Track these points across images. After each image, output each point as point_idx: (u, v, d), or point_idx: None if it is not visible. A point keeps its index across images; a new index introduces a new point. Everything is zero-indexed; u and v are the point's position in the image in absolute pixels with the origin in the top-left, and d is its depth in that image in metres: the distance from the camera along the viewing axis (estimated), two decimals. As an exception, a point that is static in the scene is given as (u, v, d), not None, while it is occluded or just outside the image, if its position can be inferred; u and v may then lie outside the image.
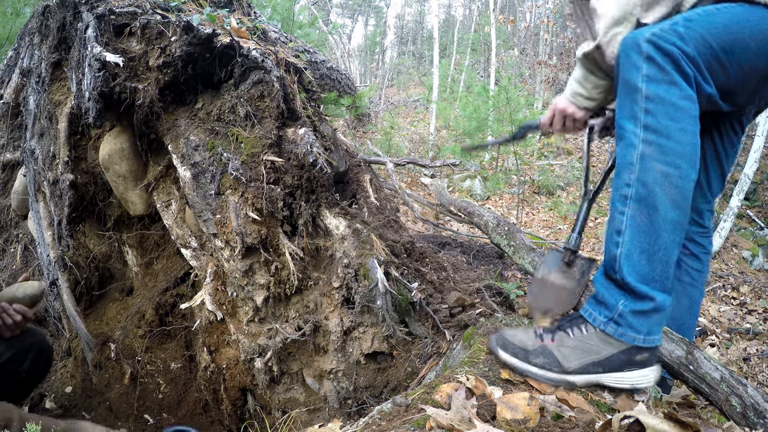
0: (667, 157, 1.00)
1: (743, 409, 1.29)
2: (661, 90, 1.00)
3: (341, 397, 1.58)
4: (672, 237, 1.02)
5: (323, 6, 15.47)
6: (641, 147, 1.02)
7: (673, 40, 0.99)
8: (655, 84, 1.00)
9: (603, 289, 1.09)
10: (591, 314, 1.10)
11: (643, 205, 1.01)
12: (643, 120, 1.02)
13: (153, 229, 2.04)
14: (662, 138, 1.00)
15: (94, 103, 1.59)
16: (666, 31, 1.00)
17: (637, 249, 1.02)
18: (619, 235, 1.04)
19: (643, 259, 1.02)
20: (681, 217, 1.02)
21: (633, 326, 1.03)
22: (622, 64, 1.06)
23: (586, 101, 1.31)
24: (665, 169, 1.00)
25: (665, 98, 1.00)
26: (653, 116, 1.00)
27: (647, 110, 1.01)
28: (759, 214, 8.92)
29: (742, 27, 1.02)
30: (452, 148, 7.14)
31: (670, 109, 1.00)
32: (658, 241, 1.01)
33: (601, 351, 1.06)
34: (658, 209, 1.00)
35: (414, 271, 1.70)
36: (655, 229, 1.01)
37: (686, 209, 1.03)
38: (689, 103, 1.00)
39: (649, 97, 1.01)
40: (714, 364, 1.40)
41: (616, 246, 1.04)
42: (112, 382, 1.87)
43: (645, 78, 1.01)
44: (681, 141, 1.00)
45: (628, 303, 1.04)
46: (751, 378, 3.25)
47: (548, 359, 1.09)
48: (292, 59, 1.78)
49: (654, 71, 1.00)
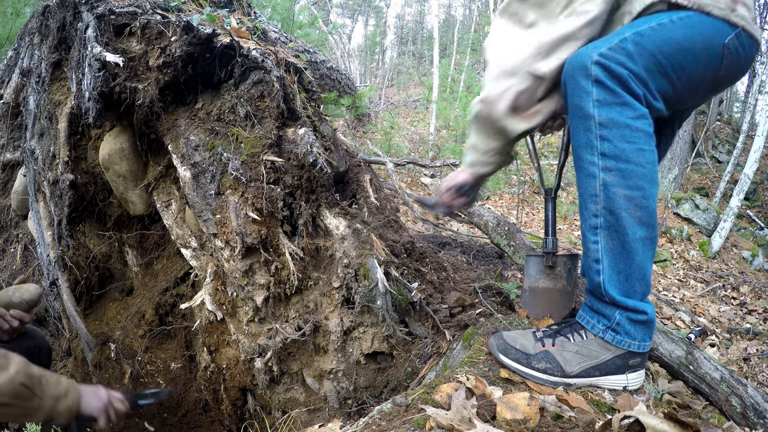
0: (629, 181, 1.01)
1: (743, 409, 1.29)
2: (613, 113, 0.99)
3: (341, 397, 1.58)
4: (645, 254, 1.05)
5: (323, 6, 15.47)
6: (602, 176, 1.02)
7: (621, 60, 0.97)
8: (607, 108, 0.99)
9: (597, 304, 1.13)
10: (589, 322, 1.14)
11: (613, 231, 1.04)
12: (599, 147, 1.01)
13: (153, 229, 2.04)
14: (621, 162, 1.00)
15: (94, 103, 1.59)
16: (614, 50, 0.98)
17: (615, 271, 1.06)
18: (598, 264, 1.07)
19: (621, 278, 1.05)
20: (650, 233, 1.04)
21: (630, 334, 1.08)
22: (570, 88, 1.04)
23: (483, 168, 1.29)
24: (628, 193, 1.01)
25: (619, 121, 0.99)
26: (609, 142, 1.00)
27: (602, 137, 1.00)
28: (759, 214, 8.92)
29: (694, 41, 1.00)
30: (452, 148, 7.14)
31: (626, 131, 0.99)
32: (632, 263, 1.04)
33: (600, 356, 1.10)
34: (627, 233, 1.02)
35: (414, 271, 1.70)
36: (627, 251, 1.04)
37: (653, 224, 1.05)
38: (642, 121, 1.00)
39: (603, 123, 1.00)
40: (714, 364, 1.40)
41: (598, 274, 1.07)
42: (112, 382, 1.87)
43: (596, 103, 1.00)
44: (640, 162, 1.00)
45: (624, 313, 1.08)
46: (751, 378, 3.25)
47: (551, 364, 1.11)
48: (292, 59, 1.78)
49: (604, 95, 0.99)
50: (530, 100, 1.12)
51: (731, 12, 1.00)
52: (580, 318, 1.17)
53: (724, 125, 12.68)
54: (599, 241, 1.06)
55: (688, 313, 4.02)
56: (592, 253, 1.08)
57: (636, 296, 1.07)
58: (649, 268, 1.07)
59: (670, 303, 4.23)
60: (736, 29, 1.00)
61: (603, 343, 1.10)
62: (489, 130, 1.19)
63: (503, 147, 1.22)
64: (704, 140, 11.35)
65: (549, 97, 1.13)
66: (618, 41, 0.98)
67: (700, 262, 6.18)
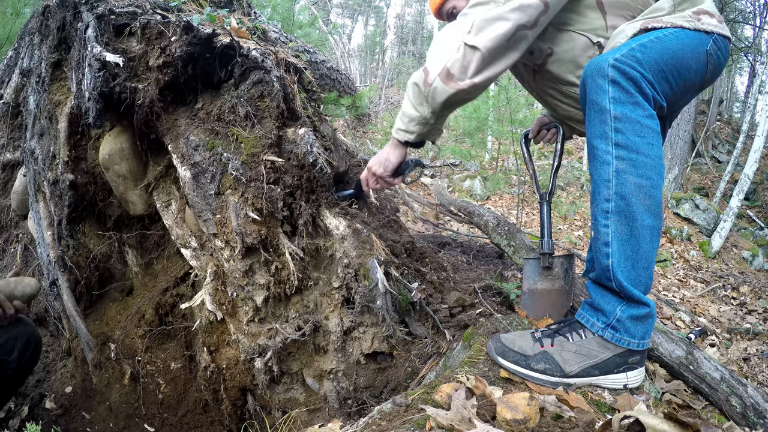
0: (640, 170, 1.09)
1: (743, 409, 1.29)
2: (627, 110, 1.09)
3: (341, 397, 1.58)
4: (651, 244, 1.10)
5: (323, 6, 15.47)
6: (615, 163, 1.10)
7: (633, 65, 1.08)
8: (621, 105, 1.09)
9: (598, 297, 1.14)
10: (588, 320, 1.15)
11: (623, 216, 1.10)
12: (613, 138, 1.10)
13: (153, 229, 2.03)
14: (633, 153, 1.09)
15: (94, 103, 1.59)
16: (626, 56, 1.09)
17: (623, 256, 1.09)
18: (607, 247, 1.11)
19: (628, 264, 1.10)
20: (656, 222, 1.10)
21: (629, 331, 1.10)
22: (589, 87, 1.13)
23: (408, 136, 1.39)
24: (639, 181, 1.09)
25: (631, 117, 1.09)
26: (623, 134, 1.09)
27: (616, 129, 1.10)
28: (759, 214, 8.92)
29: (685, 50, 1.13)
30: (452, 148, 7.14)
31: (637, 127, 1.09)
32: (639, 250, 1.09)
33: (599, 355, 1.11)
34: (636, 218, 1.09)
35: (414, 271, 1.70)
36: (635, 237, 1.09)
37: (660, 215, 1.11)
38: (652, 120, 1.10)
39: (617, 117, 1.09)
40: (714, 364, 1.40)
41: (607, 257, 1.11)
42: (112, 382, 1.87)
43: (612, 100, 1.09)
44: (650, 155, 1.09)
45: (626, 309, 1.10)
46: (751, 378, 3.26)
47: (550, 364, 1.12)
48: (292, 59, 1.78)
49: (619, 93, 1.09)
50: (462, 71, 1.20)
51: (698, 22, 1.16)
52: (579, 316, 1.18)
53: (724, 125, 12.69)
54: (609, 225, 1.11)
55: (688, 313, 4.02)
56: (602, 236, 1.12)
57: (640, 287, 1.10)
58: (653, 259, 1.11)
59: (670, 303, 4.23)
60: (712, 35, 1.15)
61: (602, 341, 1.11)
62: (419, 96, 1.29)
63: (430, 116, 1.32)
64: (704, 140, 11.35)
65: (483, 71, 1.21)
66: (628, 50, 1.10)
67: (700, 262, 6.18)
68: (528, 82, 1.50)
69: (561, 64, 1.32)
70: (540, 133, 1.71)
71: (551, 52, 1.31)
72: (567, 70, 1.32)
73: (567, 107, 1.43)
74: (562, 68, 1.32)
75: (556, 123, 1.63)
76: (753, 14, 12.66)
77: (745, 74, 18.15)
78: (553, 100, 1.45)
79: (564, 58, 1.30)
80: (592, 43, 1.26)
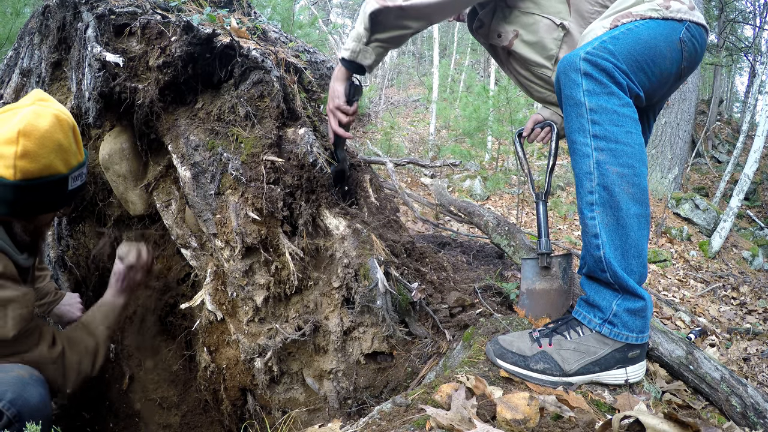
0: (620, 159, 1.09)
1: (743, 409, 1.29)
2: (602, 101, 1.09)
3: (341, 397, 1.58)
4: (640, 232, 1.10)
5: (323, 6, 15.47)
6: (595, 155, 1.10)
7: (605, 56, 1.09)
8: (595, 96, 1.09)
9: (593, 293, 1.13)
10: (585, 317, 1.15)
11: (608, 207, 1.10)
12: (591, 130, 1.10)
13: (153, 229, 2.03)
14: (611, 143, 1.09)
15: (94, 103, 1.59)
16: (597, 48, 1.10)
17: (613, 247, 1.09)
18: (597, 238, 1.11)
19: (618, 254, 1.09)
20: (643, 210, 1.10)
21: (627, 325, 1.09)
22: (563, 83, 1.14)
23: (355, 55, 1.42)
24: (620, 170, 1.09)
25: (607, 107, 1.09)
26: (600, 125, 1.09)
27: (593, 121, 1.10)
28: (759, 214, 8.92)
29: (658, 40, 1.13)
30: (452, 148, 7.14)
31: (614, 116, 1.09)
32: (628, 238, 1.09)
33: (597, 351, 1.11)
34: (621, 207, 1.08)
35: (414, 271, 1.70)
36: (623, 227, 1.09)
37: (646, 202, 1.11)
38: (628, 108, 1.10)
39: (593, 108, 1.10)
40: (714, 364, 1.40)
41: (598, 248, 1.11)
42: (112, 382, 1.87)
43: (586, 92, 1.10)
44: (629, 143, 1.09)
45: (622, 302, 1.09)
46: (751, 378, 3.26)
47: (549, 364, 1.12)
48: (292, 59, 1.79)
49: (593, 85, 1.09)
50: None
51: (666, 10, 1.15)
52: (575, 313, 1.17)
53: (724, 125, 12.69)
54: (596, 216, 1.11)
55: (688, 313, 4.02)
56: (591, 228, 1.12)
57: (634, 276, 1.09)
58: (644, 247, 1.11)
59: (670, 303, 4.23)
60: (684, 23, 1.15)
61: (600, 337, 1.11)
62: (361, 15, 1.33)
63: (364, 32, 1.35)
64: (704, 140, 11.35)
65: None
66: (599, 42, 1.11)
67: (700, 262, 6.18)
68: (505, 65, 1.54)
69: (527, 45, 1.36)
70: (534, 131, 1.72)
71: (517, 34, 1.35)
72: (534, 51, 1.35)
73: (540, 89, 1.46)
74: (529, 50, 1.36)
75: (550, 122, 1.64)
76: (753, 14, 12.67)
77: (745, 74, 18.14)
78: (527, 81, 1.49)
79: (529, 39, 1.34)
80: (555, 24, 1.29)
